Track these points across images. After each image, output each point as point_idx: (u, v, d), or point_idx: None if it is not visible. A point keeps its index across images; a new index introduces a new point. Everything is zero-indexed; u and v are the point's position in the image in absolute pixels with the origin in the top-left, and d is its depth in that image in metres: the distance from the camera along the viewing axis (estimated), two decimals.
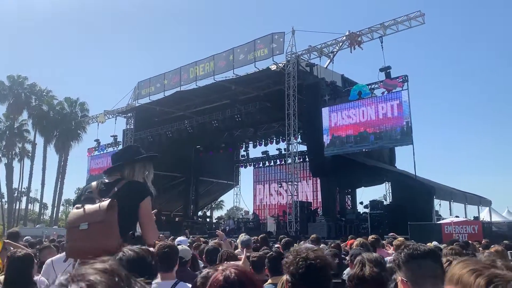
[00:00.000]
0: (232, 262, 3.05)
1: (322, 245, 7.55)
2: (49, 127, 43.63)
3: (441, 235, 13.74)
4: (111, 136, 28.26)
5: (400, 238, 8.13)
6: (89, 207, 2.49)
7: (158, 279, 3.16)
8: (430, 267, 1.79)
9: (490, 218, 19.54)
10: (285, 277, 1.97)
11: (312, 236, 8.48)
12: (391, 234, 11.54)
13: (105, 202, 2.48)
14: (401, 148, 19.00)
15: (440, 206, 18.49)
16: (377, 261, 2.56)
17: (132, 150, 3.03)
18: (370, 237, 7.85)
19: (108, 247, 2.16)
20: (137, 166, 2.88)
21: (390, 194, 20.73)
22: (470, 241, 8.68)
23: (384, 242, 7.98)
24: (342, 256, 6.53)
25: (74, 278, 0.59)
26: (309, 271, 1.82)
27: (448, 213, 18.48)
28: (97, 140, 29.42)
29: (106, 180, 2.83)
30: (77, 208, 2.54)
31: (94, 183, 2.85)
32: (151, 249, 2.57)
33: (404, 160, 57.17)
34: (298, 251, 1.92)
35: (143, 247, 2.22)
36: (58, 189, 44.83)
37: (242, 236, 6.29)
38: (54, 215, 47.32)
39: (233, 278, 1.43)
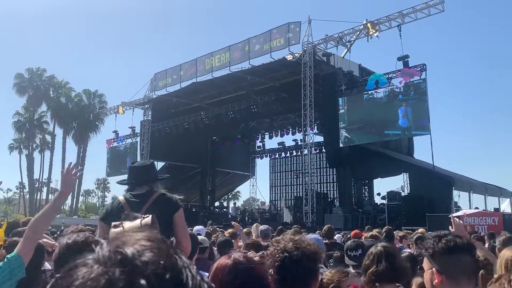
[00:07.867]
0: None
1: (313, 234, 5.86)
2: (67, 118, 44.37)
3: None
4: (129, 127, 28.62)
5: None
6: (129, 225, 2.40)
7: None
8: (468, 263, 1.76)
9: (511, 210, 19.20)
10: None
11: (325, 228, 7.14)
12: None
13: (148, 219, 2.47)
14: (419, 138, 18.79)
15: (459, 197, 18.24)
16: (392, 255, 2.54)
17: (156, 169, 3.39)
18: (385, 228, 7.80)
19: None
20: (159, 183, 3.20)
21: (408, 185, 20.49)
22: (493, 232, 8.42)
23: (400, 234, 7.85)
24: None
25: (114, 239, 0.55)
26: (285, 264, 1.69)
27: (468, 204, 18.21)
28: (115, 132, 29.80)
29: (135, 192, 3.00)
30: (115, 227, 2.43)
31: (121, 198, 3.01)
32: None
33: (422, 150, 56.21)
34: (278, 242, 1.80)
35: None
36: (77, 180, 45.60)
37: (262, 227, 6.30)
38: (74, 205, 48.31)
39: (241, 263, 1.40)
